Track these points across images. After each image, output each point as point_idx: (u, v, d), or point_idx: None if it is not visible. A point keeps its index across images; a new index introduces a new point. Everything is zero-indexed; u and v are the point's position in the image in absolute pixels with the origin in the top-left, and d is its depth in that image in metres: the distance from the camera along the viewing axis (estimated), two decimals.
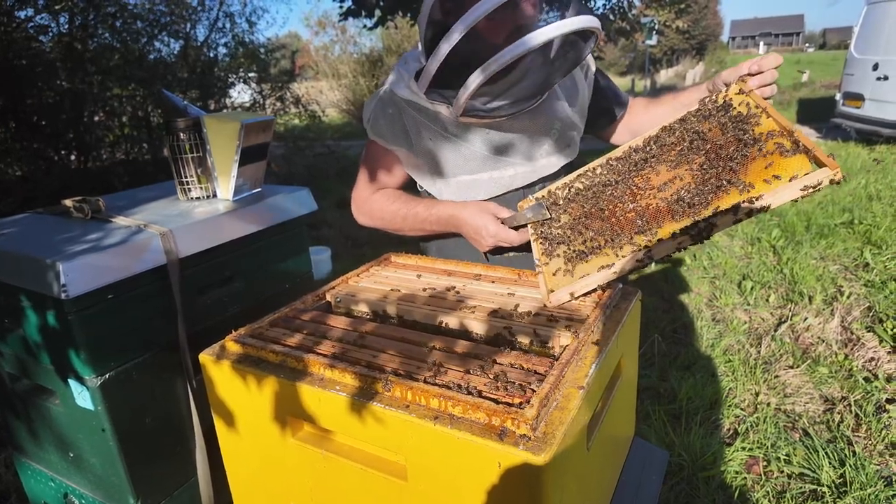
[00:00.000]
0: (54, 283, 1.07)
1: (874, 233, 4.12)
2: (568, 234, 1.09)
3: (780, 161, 0.96)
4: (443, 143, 1.21)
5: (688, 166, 1.06)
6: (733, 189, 0.96)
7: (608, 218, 1.07)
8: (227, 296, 1.41)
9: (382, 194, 1.31)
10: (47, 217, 1.41)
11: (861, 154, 6.91)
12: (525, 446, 0.67)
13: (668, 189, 1.05)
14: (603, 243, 1.03)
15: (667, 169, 1.09)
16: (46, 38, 5.51)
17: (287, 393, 0.85)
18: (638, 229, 1.01)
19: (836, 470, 1.99)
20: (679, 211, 0.98)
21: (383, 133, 1.25)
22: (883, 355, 2.68)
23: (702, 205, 0.97)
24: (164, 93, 1.52)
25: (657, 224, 1.00)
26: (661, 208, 1.02)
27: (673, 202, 1.01)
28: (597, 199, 1.13)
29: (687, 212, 0.97)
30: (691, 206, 0.98)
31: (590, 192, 1.14)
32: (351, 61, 15.05)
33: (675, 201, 1.01)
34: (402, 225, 1.28)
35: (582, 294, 1.00)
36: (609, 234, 1.03)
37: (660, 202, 1.03)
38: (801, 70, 16.09)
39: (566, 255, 1.06)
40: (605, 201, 1.11)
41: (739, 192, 0.95)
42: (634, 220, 1.03)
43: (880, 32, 7.34)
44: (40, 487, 1.49)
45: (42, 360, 1.22)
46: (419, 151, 1.24)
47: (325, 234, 5.18)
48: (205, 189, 1.51)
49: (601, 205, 1.11)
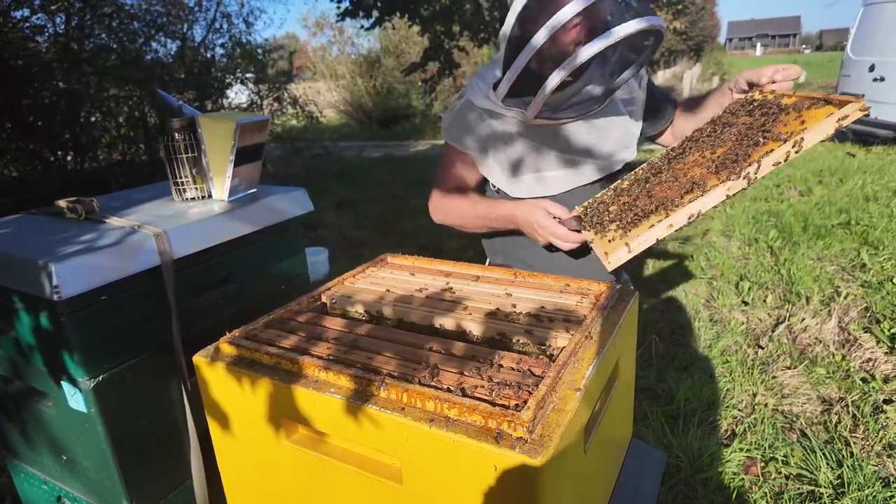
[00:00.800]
0: (46, 284, 1.06)
1: (871, 233, 4.13)
2: (619, 215, 1.15)
3: (808, 113, 1.07)
4: (515, 144, 1.34)
5: (723, 144, 1.16)
6: (770, 139, 1.05)
7: (656, 194, 1.14)
8: (222, 297, 1.40)
9: (455, 195, 1.43)
10: (40, 218, 1.39)
11: (858, 155, 6.93)
12: (521, 449, 0.67)
13: (709, 161, 1.14)
14: (654, 208, 1.09)
15: (704, 151, 1.19)
16: (43, 39, 5.49)
17: (281, 395, 0.85)
18: (686, 190, 1.08)
19: (834, 471, 1.99)
20: (722, 168, 1.07)
21: (460, 138, 1.38)
22: (880, 356, 2.68)
23: (744, 157, 1.05)
24: (159, 93, 1.51)
25: (703, 183, 1.07)
26: (705, 173, 1.10)
27: (716, 166, 1.09)
28: (643, 187, 1.21)
29: (731, 167, 1.05)
30: (734, 162, 1.06)
31: (635, 185, 1.23)
32: (349, 62, 15.04)
33: (718, 164, 1.09)
34: (468, 222, 1.41)
35: (639, 250, 1.04)
36: (658, 201, 1.10)
37: (703, 170, 1.12)
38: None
39: (618, 227, 1.12)
40: (651, 187, 1.19)
41: (777, 140, 1.04)
42: (682, 187, 1.11)
43: (877, 34, 7.36)
44: (34, 490, 1.47)
45: (34, 361, 1.21)
46: (493, 154, 1.36)
47: (322, 234, 5.17)
48: (200, 189, 1.50)
49: (648, 190, 1.18)
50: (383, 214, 5.83)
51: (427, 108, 14.19)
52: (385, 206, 6.14)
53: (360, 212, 5.96)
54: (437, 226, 1.57)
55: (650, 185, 1.19)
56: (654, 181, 1.20)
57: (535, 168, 1.34)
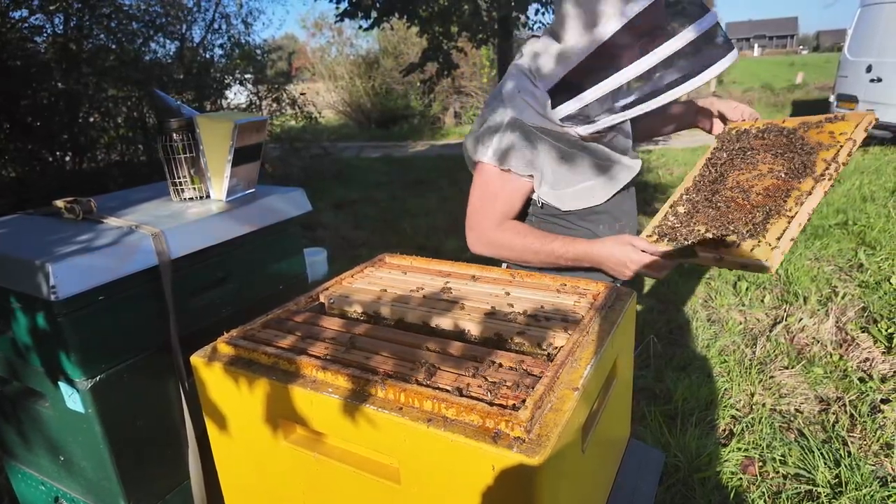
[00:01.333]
0: (43, 284, 1.05)
1: (868, 234, 4.14)
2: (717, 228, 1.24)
3: (832, 126, 1.31)
4: (566, 157, 1.29)
5: (769, 162, 1.32)
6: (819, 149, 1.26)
7: (743, 206, 1.25)
8: (220, 297, 1.40)
9: (511, 227, 1.32)
10: (37, 218, 1.39)
11: (855, 156, 6.94)
12: (519, 449, 0.67)
13: (767, 175, 1.28)
14: (768, 215, 1.19)
15: (749, 171, 1.33)
16: (41, 39, 5.48)
17: (279, 395, 0.85)
18: (784, 195, 1.21)
19: (832, 470, 1.99)
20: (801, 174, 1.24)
21: (517, 163, 1.26)
22: (877, 356, 2.68)
23: (810, 165, 1.24)
24: (157, 93, 1.50)
25: (797, 187, 1.21)
26: (784, 182, 1.25)
27: (787, 174, 1.25)
28: (704, 205, 1.31)
29: (809, 172, 1.23)
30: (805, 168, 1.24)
31: (691, 205, 1.32)
32: (347, 63, 15.05)
33: (790, 172, 1.25)
34: (533, 258, 1.31)
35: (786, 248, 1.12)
36: (764, 210, 1.21)
37: (776, 180, 1.26)
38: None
39: (744, 235, 1.18)
40: (718, 203, 1.29)
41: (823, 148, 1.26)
42: (772, 195, 1.23)
43: (874, 34, 7.38)
44: (31, 491, 1.47)
45: (32, 362, 1.21)
46: (548, 172, 1.29)
47: (321, 235, 5.16)
48: (198, 189, 1.50)
49: (717, 204, 1.29)
50: (382, 215, 5.83)
51: (426, 109, 14.20)
52: (384, 207, 6.15)
53: (359, 212, 5.96)
54: (435, 226, 1.57)
55: (715, 202, 1.30)
56: (716, 200, 1.30)
57: (584, 177, 1.31)
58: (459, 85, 13.89)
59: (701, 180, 1.39)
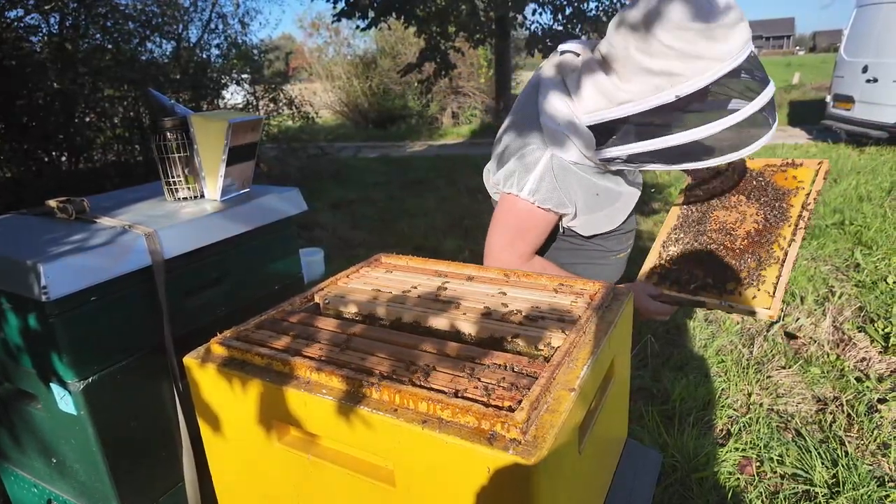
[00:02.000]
0: (35, 284, 1.04)
1: (865, 234, 4.15)
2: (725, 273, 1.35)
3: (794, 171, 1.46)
4: (595, 188, 1.28)
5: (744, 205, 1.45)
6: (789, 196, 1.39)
7: (732, 250, 1.37)
8: (214, 298, 1.39)
9: (538, 265, 1.32)
10: (30, 218, 1.38)
11: (851, 156, 6.96)
12: (515, 450, 0.66)
13: (748, 219, 1.41)
14: (762, 257, 1.32)
15: (728, 213, 1.45)
16: (37, 39, 5.46)
17: (273, 397, 0.84)
18: (767, 241, 1.34)
19: (829, 470, 1.99)
20: (781, 221, 1.37)
21: (555, 202, 1.24)
22: (874, 355, 2.68)
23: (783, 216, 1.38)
24: (151, 92, 1.49)
25: (780, 233, 1.34)
26: (759, 227, 1.38)
27: (763, 220, 1.39)
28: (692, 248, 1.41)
29: (785, 219, 1.37)
30: (783, 216, 1.37)
31: (689, 245, 1.43)
32: (345, 63, 15.03)
33: (765, 218, 1.39)
34: None
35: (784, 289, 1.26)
36: (755, 257, 1.33)
37: (757, 226, 1.39)
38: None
39: (744, 282, 1.31)
40: (705, 245, 1.40)
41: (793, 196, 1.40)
42: (755, 241, 1.36)
43: (870, 35, 7.40)
44: (23, 494, 1.46)
45: (24, 363, 1.20)
46: (579, 203, 1.28)
47: (318, 235, 5.15)
48: (192, 189, 1.49)
49: (709, 247, 1.40)
50: (379, 215, 5.82)
51: (423, 109, 14.19)
52: (381, 207, 6.14)
53: (357, 212, 5.94)
54: (433, 226, 1.56)
55: (704, 243, 1.40)
56: (705, 241, 1.41)
57: (604, 205, 1.30)
58: (457, 85, 13.89)
59: (685, 220, 1.48)
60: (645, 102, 1.09)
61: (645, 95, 1.08)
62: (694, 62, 1.04)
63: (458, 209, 5.77)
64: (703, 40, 1.02)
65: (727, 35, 1.03)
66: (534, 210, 1.24)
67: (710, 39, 1.03)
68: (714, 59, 1.04)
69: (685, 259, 1.39)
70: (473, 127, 13.25)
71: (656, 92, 1.08)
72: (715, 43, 1.03)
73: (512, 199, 1.25)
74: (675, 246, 1.44)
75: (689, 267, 1.37)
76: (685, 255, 1.40)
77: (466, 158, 9.03)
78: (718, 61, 1.04)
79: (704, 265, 1.36)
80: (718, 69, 1.05)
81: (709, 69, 1.05)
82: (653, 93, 1.08)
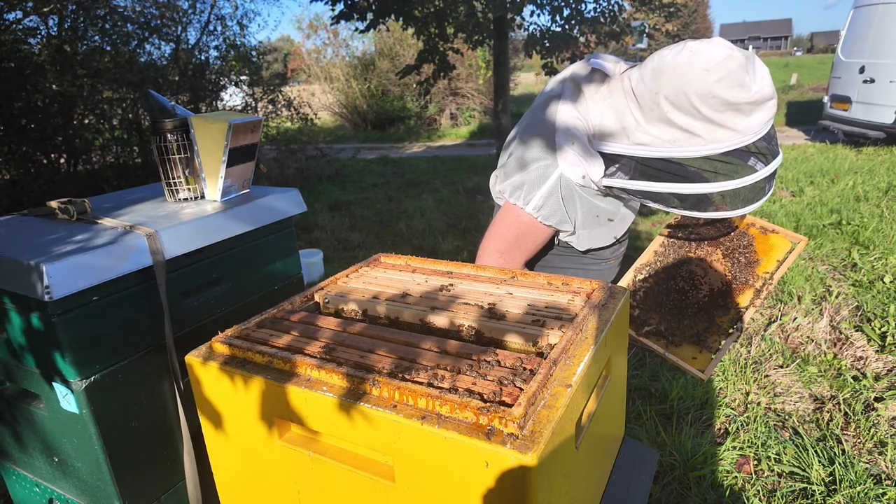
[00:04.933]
0: (38, 284, 1.05)
1: (862, 233, 4.17)
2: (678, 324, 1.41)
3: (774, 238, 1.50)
4: (595, 209, 1.30)
5: (714, 260, 1.49)
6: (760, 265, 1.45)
7: (692, 305, 1.43)
8: (214, 297, 1.40)
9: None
10: (32, 219, 1.39)
11: (848, 156, 6.99)
12: (513, 445, 0.67)
13: (715, 276, 1.46)
14: (711, 322, 1.40)
15: (697, 260, 1.49)
16: (35, 41, 5.46)
17: (274, 394, 0.85)
18: (724, 305, 1.41)
19: (826, 468, 2.00)
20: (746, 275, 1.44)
21: (557, 219, 1.27)
22: (871, 354, 2.70)
23: (746, 283, 1.43)
24: (152, 93, 1.50)
25: (729, 298, 1.41)
26: (723, 287, 1.43)
27: (729, 282, 1.44)
28: (665, 291, 1.46)
29: (750, 275, 1.44)
30: (745, 282, 1.43)
31: (655, 287, 1.48)
32: (343, 64, 15.04)
33: (731, 280, 1.44)
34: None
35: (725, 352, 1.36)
36: (708, 318, 1.40)
37: (720, 285, 1.44)
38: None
39: (688, 342, 1.38)
40: (675, 292, 1.45)
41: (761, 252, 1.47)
42: (715, 299, 1.42)
43: (867, 36, 7.44)
44: (25, 493, 1.46)
45: (26, 363, 1.21)
46: (579, 220, 1.30)
47: (316, 236, 5.16)
48: (192, 190, 1.50)
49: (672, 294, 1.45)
50: (378, 216, 5.83)
51: (422, 111, 14.21)
52: (379, 208, 6.15)
53: (355, 214, 5.95)
54: (431, 227, 1.58)
55: (668, 291, 1.46)
56: (670, 287, 1.46)
57: (600, 224, 1.33)
58: (455, 86, 13.92)
59: (663, 256, 1.54)
60: (660, 151, 1.11)
61: (661, 144, 1.11)
62: (716, 129, 1.06)
63: (456, 210, 5.78)
64: (730, 111, 1.04)
65: (754, 110, 1.05)
66: (535, 224, 1.26)
67: (736, 112, 1.04)
68: (736, 130, 1.06)
69: (648, 298, 1.46)
70: (472, 128, 13.28)
71: (673, 144, 1.10)
72: (741, 116, 1.05)
73: (516, 211, 1.27)
74: (646, 280, 1.49)
75: (648, 308, 1.44)
76: (649, 295, 1.46)
77: (465, 160, 9.05)
78: (740, 134, 1.06)
79: (662, 311, 1.43)
80: (737, 141, 1.07)
81: (729, 139, 1.07)
82: (669, 144, 1.10)
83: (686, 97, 1.04)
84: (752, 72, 1.03)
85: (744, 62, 1.02)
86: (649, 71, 1.09)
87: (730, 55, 1.02)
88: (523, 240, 1.30)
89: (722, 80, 1.01)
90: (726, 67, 1.01)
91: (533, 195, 1.24)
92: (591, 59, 1.23)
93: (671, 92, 1.06)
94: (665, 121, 1.09)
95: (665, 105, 1.07)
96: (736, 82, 1.02)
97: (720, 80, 1.01)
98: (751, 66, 1.03)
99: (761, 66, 1.05)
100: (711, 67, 1.01)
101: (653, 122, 1.11)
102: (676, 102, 1.06)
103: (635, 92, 1.12)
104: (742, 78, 1.02)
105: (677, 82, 1.04)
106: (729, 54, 1.02)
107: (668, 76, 1.05)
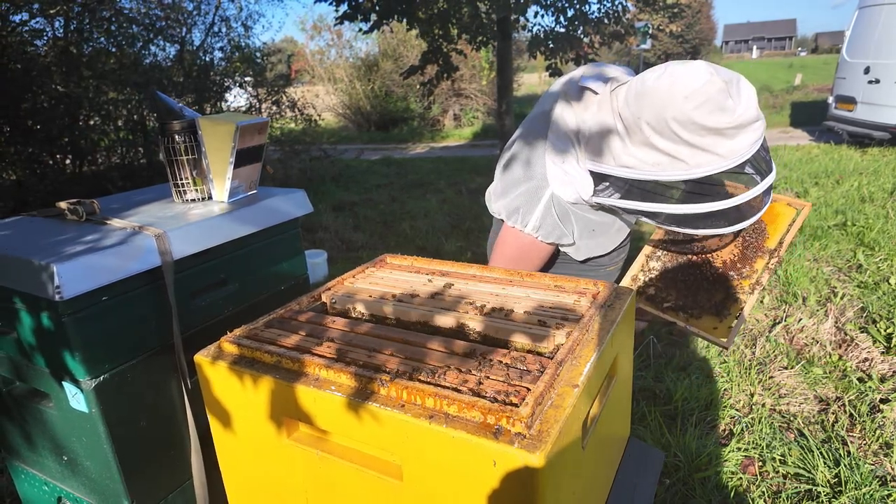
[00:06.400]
0: (48, 284, 1.06)
1: (867, 234, 4.15)
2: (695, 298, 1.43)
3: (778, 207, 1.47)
4: (590, 224, 1.31)
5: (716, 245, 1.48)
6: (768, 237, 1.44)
7: (707, 278, 1.43)
8: (222, 297, 1.41)
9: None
10: (41, 220, 1.40)
11: (853, 157, 6.96)
12: (520, 444, 0.68)
13: (727, 249, 1.45)
14: (730, 290, 1.39)
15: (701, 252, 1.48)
16: (41, 43, 5.50)
17: (282, 393, 0.85)
18: (738, 276, 1.40)
19: (831, 470, 2.00)
20: (753, 253, 1.43)
21: (555, 237, 1.28)
22: (876, 356, 2.69)
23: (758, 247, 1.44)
24: (159, 94, 1.51)
25: (751, 265, 1.41)
26: (735, 259, 1.44)
27: (740, 253, 1.44)
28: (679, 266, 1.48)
29: (758, 250, 1.44)
30: (756, 249, 1.42)
31: (669, 263, 1.50)
32: (347, 66, 15.07)
33: (742, 251, 1.44)
34: None
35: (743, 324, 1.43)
36: (726, 288, 1.40)
37: (731, 257, 1.44)
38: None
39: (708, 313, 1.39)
40: (686, 266, 1.47)
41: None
42: (729, 271, 1.42)
43: (871, 36, 7.41)
44: (34, 492, 1.48)
45: (36, 362, 1.22)
46: (576, 234, 1.31)
47: (321, 237, 5.17)
48: (200, 191, 1.51)
49: (687, 270, 1.46)
50: (382, 217, 5.84)
51: (425, 112, 14.23)
52: (383, 209, 6.16)
53: (359, 214, 5.97)
54: (435, 227, 1.59)
55: (681, 266, 1.48)
56: (683, 262, 1.48)
57: (598, 235, 1.34)
58: (459, 87, 13.92)
59: (672, 234, 1.53)
60: (644, 173, 1.11)
61: (645, 167, 1.11)
62: (699, 154, 1.05)
63: (459, 211, 5.79)
64: (711, 136, 1.03)
65: (737, 134, 1.04)
66: (536, 243, 1.28)
67: (718, 136, 1.03)
68: (719, 154, 1.05)
69: (663, 278, 1.47)
70: (475, 129, 13.29)
71: (656, 168, 1.10)
72: (724, 140, 1.04)
73: (515, 233, 1.29)
74: (658, 262, 1.50)
75: (665, 286, 1.46)
76: (664, 274, 1.48)
77: (468, 160, 9.06)
78: (723, 157, 1.05)
79: (678, 287, 1.45)
80: (721, 165, 1.06)
81: (712, 163, 1.06)
82: (653, 167, 1.10)
83: (666, 123, 1.04)
84: (736, 94, 1.02)
85: (723, 87, 1.01)
86: (633, 94, 1.09)
87: (709, 80, 1.01)
88: (527, 258, 1.32)
89: (700, 105, 1.00)
90: (705, 93, 1.00)
91: (529, 217, 1.26)
92: (582, 82, 1.23)
93: (652, 117, 1.05)
94: (648, 145, 1.09)
95: (647, 130, 1.07)
96: (716, 107, 1.01)
97: (698, 106, 1.01)
98: (734, 90, 1.02)
99: (747, 87, 1.04)
100: (690, 94, 1.01)
101: (637, 144, 1.11)
102: (657, 128, 1.05)
103: (621, 114, 1.12)
104: (722, 102, 1.00)
105: (657, 108, 1.04)
106: (708, 80, 1.01)
107: (650, 101, 1.05)
